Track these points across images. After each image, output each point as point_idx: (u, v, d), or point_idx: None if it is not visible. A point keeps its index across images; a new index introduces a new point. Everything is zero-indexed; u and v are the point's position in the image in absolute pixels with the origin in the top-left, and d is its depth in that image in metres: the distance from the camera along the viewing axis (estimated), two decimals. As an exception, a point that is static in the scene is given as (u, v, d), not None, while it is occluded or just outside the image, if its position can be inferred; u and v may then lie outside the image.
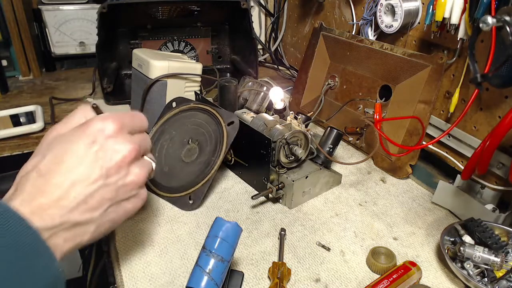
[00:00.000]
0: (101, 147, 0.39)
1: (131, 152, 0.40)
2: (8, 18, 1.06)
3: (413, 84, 0.73)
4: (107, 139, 0.39)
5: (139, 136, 0.44)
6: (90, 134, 0.39)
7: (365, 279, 0.53)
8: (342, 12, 0.97)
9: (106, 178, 0.39)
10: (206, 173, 0.65)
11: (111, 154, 0.39)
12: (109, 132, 0.39)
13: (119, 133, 0.40)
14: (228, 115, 0.67)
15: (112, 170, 0.39)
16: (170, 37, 1.07)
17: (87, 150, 0.38)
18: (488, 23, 0.49)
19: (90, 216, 0.38)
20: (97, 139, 0.39)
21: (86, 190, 0.37)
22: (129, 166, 0.41)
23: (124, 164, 0.40)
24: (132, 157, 0.40)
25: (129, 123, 0.42)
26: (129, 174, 0.41)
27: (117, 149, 0.40)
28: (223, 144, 0.65)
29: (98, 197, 0.38)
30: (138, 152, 0.41)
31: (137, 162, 0.42)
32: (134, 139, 0.42)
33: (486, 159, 0.54)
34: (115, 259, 0.54)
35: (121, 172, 0.40)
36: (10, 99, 1.03)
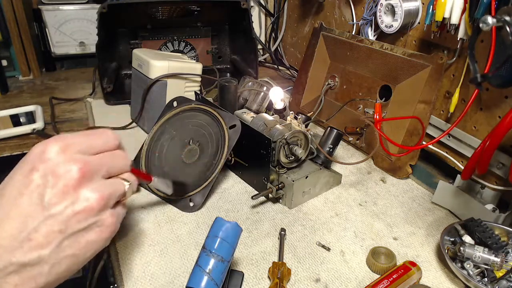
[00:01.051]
0: (40, 173, 0.33)
1: (78, 173, 0.34)
2: (8, 18, 1.06)
3: (413, 84, 0.73)
4: (47, 162, 0.34)
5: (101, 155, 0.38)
6: (29, 160, 0.34)
7: (365, 279, 0.53)
8: (342, 12, 0.97)
9: (48, 209, 0.33)
10: (208, 176, 0.65)
11: (51, 179, 0.33)
12: (50, 154, 0.34)
13: (63, 153, 0.35)
14: (230, 117, 0.67)
15: (55, 198, 0.33)
16: (170, 37, 1.07)
17: (25, 180, 0.33)
18: (488, 23, 0.49)
19: (38, 255, 0.33)
20: (36, 165, 0.34)
21: (27, 226, 0.32)
22: (77, 190, 0.34)
23: (69, 189, 0.34)
24: (78, 179, 0.34)
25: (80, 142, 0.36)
26: (79, 200, 0.34)
27: (60, 172, 0.34)
28: (225, 147, 0.65)
29: (44, 231, 0.33)
30: (87, 172, 0.35)
31: (89, 184, 0.35)
32: (83, 157, 0.36)
33: (486, 159, 0.54)
34: (115, 259, 0.54)
35: (67, 199, 0.34)
36: (10, 99, 1.03)
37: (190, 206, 0.64)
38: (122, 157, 0.40)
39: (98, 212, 0.36)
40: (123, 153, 0.41)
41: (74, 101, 1.03)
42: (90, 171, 0.35)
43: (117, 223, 0.39)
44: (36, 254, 0.33)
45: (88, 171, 0.35)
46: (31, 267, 0.33)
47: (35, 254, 0.33)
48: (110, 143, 0.40)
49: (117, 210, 0.39)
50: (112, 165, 0.39)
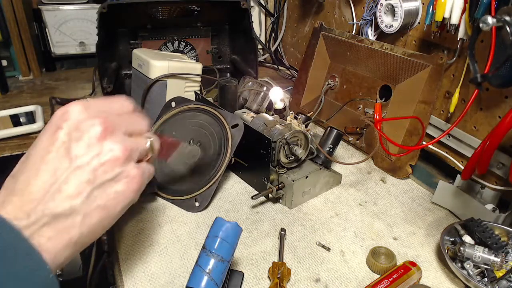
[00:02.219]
0: (65, 131, 0.35)
1: (101, 127, 0.36)
2: (8, 18, 1.06)
3: (413, 84, 0.73)
4: (71, 121, 0.36)
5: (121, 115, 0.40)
6: (53, 122, 0.36)
7: (365, 279, 0.53)
8: (342, 12, 0.97)
9: (76, 160, 0.35)
10: (213, 175, 0.65)
11: (76, 134, 0.35)
12: (73, 114, 0.36)
13: (84, 112, 0.37)
14: (231, 117, 0.67)
15: (81, 150, 0.35)
16: (170, 37, 1.07)
17: (51, 138, 0.35)
18: (488, 23, 0.49)
19: (69, 205, 0.34)
20: (61, 124, 0.36)
21: (56, 178, 0.34)
22: (101, 142, 0.36)
23: (93, 141, 0.36)
24: (102, 132, 0.36)
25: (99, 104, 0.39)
26: (103, 151, 0.36)
27: (83, 127, 0.36)
28: (228, 146, 0.65)
29: (73, 182, 0.34)
30: (110, 126, 0.37)
31: (113, 137, 0.37)
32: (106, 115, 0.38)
33: (486, 159, 0.54)
34: (115, 259, 0.54)
35: (92, 151, 0.35)
36: (10, 99, 1.03)
37: (196, 206, 0.64)
38: (141, 118, 0.42)
39: (123, 162, 0.37)
40: (140, 116, 0.42)
41: (74, 101, 1.03)
42: (112, 125, 0.37)
43: (143, 176, 0.40)
44: (67, 204, 0.34)
45: (110, 125, 0.37)
46: (64, 218, 0.34)
47: (66, 204, 0.34)
48: (127, 107, 0.42)
49: (142, 165, 0.40)
50: (132, 124, 0.41)
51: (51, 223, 0.33)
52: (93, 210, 0.35)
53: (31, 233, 0.32)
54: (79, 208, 0.34)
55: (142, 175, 0.40)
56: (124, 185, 0.38)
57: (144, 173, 0.40)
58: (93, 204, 0.35)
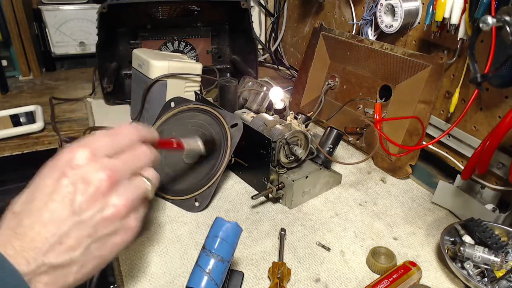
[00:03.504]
0: (70, 180, 0.35)
1: (107, 181, 0.36)
2: (8, 18, 1.06)
3: (413, 84, 0.73)
4: (76, 170, 0.35)
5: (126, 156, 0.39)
6: (59, 167, 0.36)
7: (365, 279, 0.53)
8: (342, 12, 0.97)
9: (79, 215, 0.35)
10: (212, 175, 0.64)
11: (82, 186, 0.35)
12: (79, 161, 0.35)
13: (91, 160, 0.36)
14: (230, 116, 0.67)
15: (85, 204, 0.35)
16: (170, 37, 1.07)
17: (55, 185, 0.35)
18: (488, 23, 0.49)
19: (69, 257, 0.34)
20: (66, 171, 0.35)
21: (58, 230, 0.34)
22: (106, 196, 0.36)
23: (98, 196, 0.35)
24: (108, 186, 0.36)
25: (106, 145, 0.38)
26: (107, 207, 0.36)
27: (88, 179, 0.35)
28: (228, 146, 0.65)
29: (74, 235, 0.34)
30: (115, 179, 0.36)
31: (117, 189, 0.37)
32: (111, 163, 0.37)
33: (486, 159, 0.54)
34: (115, 259, 0.54)
35: (96, 206, 0.35)
36: (10, 99, 1.03)
37: (196, 206, 0.64)
38: (145, 154, 0.42)
39: (124, 216, 0.37)
40: (145, 149, 0.42)
41: (74, 101, 1.03)
42: (117, 178, 0.37)
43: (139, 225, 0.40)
44: (67, 256, 0.34)
45: (115, 178, 0.37)
46: (61, 268, 0.34)
47: (66, 257, 0.34)
48: (133, 140, 0.41)
49: (140, 213, 0.40)
50: (136, 164, 0.40)
51: (49, 272, 0.34)
52: (90, 260, 0.36)
53: (29, 279, 0.33)
54: (76, 260, 0.35)
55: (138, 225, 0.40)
56: (122, 237, 0.38)
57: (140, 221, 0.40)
58: (91, 255, 0.36)
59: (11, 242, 0.33)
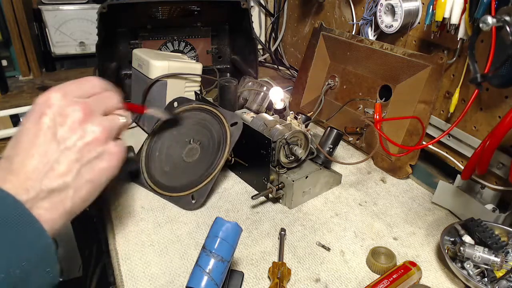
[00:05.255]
0: (49, 117, 0.40)
1: (81, 112, 0.41)
2: (8, 18, 1.05)
3: (413, 84, 0.73)
4: (53, 107, 0.40)
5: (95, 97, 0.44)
6: (37, 109, 0.40)
7: (365, 279, 0.53)
8: (342, 12, 0.97)
9: (63, 143, 0.39)
10: (210, 172, 0.65)
11: (60, 119, 0.40)
12: (54, 100, 0.40)
13: (64, 99, 0.41)
14: (231, 115, 0.67)
15: (66, 133, 0.40)
16: (170, 37, 1.07)
17: (37, 124, 0.39)
18: (488, 23, 0.49)
19: (63, 181, 0.39)
20: (44, 110, 0.40)
21: (48, 159, 0.38)
22: (83, 125, 0.41)
23: (76, 125, 0.40)
24: (82, 117, 0.41)
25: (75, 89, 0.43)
26: (86, 133, 0.41)
27: (65, 113, 0.40)
28: (227, 144, 0.65)
29: (63, 161, 0.39)
30: (88, 111, 0.42)
31: (92, 120, 0.42)
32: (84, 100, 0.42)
33: (486, 159, 0.54)
34: (115, 259, 0.54)
35: (76, 133, 0.40)
36: (10, 99, 1.03)
37: (192, 203, 0.64)
38: (113, 97, 0.47)
39: (104, 142, 0.42)
40: (112, 93, 0.47)
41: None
42: (90, 110, 0.42)
43: (121, 151, 0.45)
44: (61, 180, 0.39)
45: (88, 110, 0.42)
46: (58, 193, 0.39)
47: (60, 181, 0.39)
48: (99, 87, 0.46)
49: (119, 142, 0.45)
50: (106, 104, 0.45)
51: (47, 197, 0.38)
52: (82, 184, 0.40)
53: (30, 206, 0.36)
54: (70, 184, 0.39)
55: (121, 151, 0.45)
56: (107, 162, 0.43)
57: (122, 148, 0.45)
58: (82, 179, 0.40)
59: (7, 178, 0.37)
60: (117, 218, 0.62)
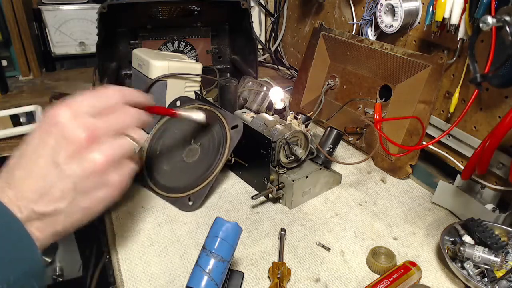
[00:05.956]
0: (53, 136, 0.38)
1: (86, 138, 0.38)
2: (8, 18, 1.05)
3: (413, 84, 0.73)
4: (59, 127, 0.38)
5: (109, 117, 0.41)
6: (45, 125, 0.39)
7: (365, 279, 0.53)
8: (342, 12, 0.97)
9: (61, 168, 0.38)
10: (208, 175, 0.64)
11: (63, 143, 0.38)
12: (62, 119, 0.38)
13: (74, 118, 0.39)
14: (232, 118, 0.67)
15: (66, 159, 0.38)
16: (170, 37, 1.07)
17: (41, 141, 0.38)
18: (488, 23, 0.49)
19: (55, 207, 0.38)
20: (50, 129, 0.38)
21: (45, 182, 0.37)
22: (85, 152, 0.39)
23: (78, 152, 0.38)
24: (85, 143, 0.38)
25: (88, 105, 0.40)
26: (87, 161, 0.39)
27: (69, 136, 0.38)
28: (226, 147, 0.65)
29: (59, 188, 0.38)
30: (94, 135, 0.39)
31: (96, 147, 0.39)
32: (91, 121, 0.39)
33: (486, 159, 0.54)
34: (115, 259, 0.54)
35: (76, 160, 0.38)
36: (10, 99, 1.03)
37: (189, 205, 0.64)
38: (129, 115, 0.44)
39: (105, 172, 0.40)
40: (129, 110, 0.44)
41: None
42: (97, 135, 0.39)
43: (123, 181, 0.42)
44: (54, 206, 0.38)
45: (95, 135, 0.39)
46: (49, 216, 0.38)
47: (53, 207, 0.38)
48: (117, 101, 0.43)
49: (124, 170, 0.43)
50: (118, 125, 0.42)
51: (39, 219, 0.38)
52: (76, 211, 0.39)
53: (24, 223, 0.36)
54: (63, 210, 0.38)
55: (122, 181, 0.42)
56: (105, 192, 0.41)
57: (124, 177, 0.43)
58: (76, 207, 0.39)
59: (6, 192, 0.37)
60: (117, 218, 0.62)
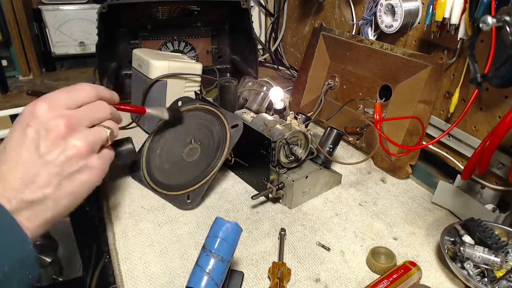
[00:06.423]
0: (34, 128, 0.41)
1: (64, 126, 0.41)
2: (8, 18, 1.05)
3: (413, 84, 0.73)
4: (38, 119, 0.41)
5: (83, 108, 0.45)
6: (24, 119, 0.41)
7: (365, 279, 0.53)
8: (342, 12, 0.97)
9: (44, 157, 0.40)
10: (206, 173, 0.65)
11: (43, 133, 0.41)
12: (40, 112, 0.41)
13: (51, 110, 0.42)
14: (232, 117, 0.67)
15: (47, 148, 0.41)
16: (170, 37, 1.07)
17: (22, 134, 0.41)
18: (488, 23, 0.49)
19: (42, 193, 0.40)
20: (30, 122, 0.41)
21: (29, 171, 0.40)
22: (66, 139, 0.42)
23: (58, 139, 0.41)
24: (65, 131, 0.42)
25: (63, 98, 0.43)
26: (68, 148, 0.42)
27: (48, 127, 0.41)
28: (226, 146, 0.65)
29: (44, 175, 0.40)
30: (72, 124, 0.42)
31: (75, 134, 0.43)
32: (68, 112, 0.43)
33: (486, 159, 0.54)
34: (115, 259, 0.54)
35: (58, 148, 0.41)
36: (10, 99, 1.03)
37: (187, 202, 0.64)
38: (102, 107, 0.47)
39: (86, 156, 0.43)
40: (102, 103, 0.48)
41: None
42: (74, 123, 0.43)
43: (104, 164, 0.46)
44: (40, 193, 0.40)
45: (72, 123, 0.42)
46: (38, 204, 0.40)
47: (40, 193, 0.40)
48: (90, 95, 0.46)
49: (103, 154, 0.47)
50: (93, 116, 0.46)
51: (28, 207, 0.39)
52: (62, 196, 0.42)
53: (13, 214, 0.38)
54: (50, 195, 0.41)
55: (103, 164, 0.46)
56: (88, 175, 0.44)
57: (105, 161, 0.46)
58: (62, 191, 0.42)
59: None
60: (117, 218, 0.62)
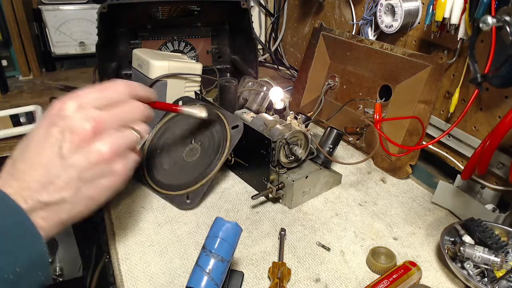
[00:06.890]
0: (59, 128, 0.39)
1: (91, 130, 0.39)
2: (8, 18, 1.05)
3: (413, 84, 0.73)
4: (65, 119, 0.39)
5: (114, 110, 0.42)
6: (50, 117, 0.40)
7: (365, 279, 0.53)
8: (342, 12, 0.97)
9: (66, 159, 0.39)
10: (206, 173, 0.65)
11: (68, 134, 0.39)
12: (67, 112, 0.39)
13: (79, 110, 0.40)
14: (233, 118, 0.67)
15: (71, 150, 0.39)
16: (170, 37, 1.07)
17: (46, 133, 0.39)
18: (488, 23, 0.49)
19: (60, 196, 0.38)
20: (56, 121, 0.39)
21: (49, 172, 0.38)
22: (90, 143, 0.40)
23: (83, 143, 0.39)
24: (90, 134, 0.39)
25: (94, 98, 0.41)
26: (92, 152, 0.40)
27: (74, 128, 0.39)
28: (226, 146, 0.65)
29: (64, 177, 0.38)
30: (99, 127, 0.40)
31: (102, 137, 0.40)
32: (97, 114, 0.40)
33: (486, 159, 0.54)
34: (115, 259, 0.54)
35: (81, 151, 0.39)
36: (10, 99, 1.03)
37: (187, 202, 0.64)
38: (135, 109, 0.45)
39: (110, 162, 0.41)
40: (135, 104, 0.45)
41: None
42: (102, 126, 0.40)
43: (127, 169, 0.44)
44: (58, 195, 0.38)
45: (100, 127, 0.40)
46: (55, 206, 0.39)
47: (57, 196, 0.38)
48: (123, 95, 0.44)
49: (128, 158, 0.44)
50: (124, 118, 0.43)
51: (44, 208, 0.38)
52: (81, 200, 0.40)
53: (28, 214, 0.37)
54: (68, 199, 0.39)
55: (127, 171, 0.44)
56: (110, 181, 0.42)
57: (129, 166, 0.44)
58: (81, 196, 0.40)
59: (10, 183, 0.37)
60: (117, 218, 0.62)
